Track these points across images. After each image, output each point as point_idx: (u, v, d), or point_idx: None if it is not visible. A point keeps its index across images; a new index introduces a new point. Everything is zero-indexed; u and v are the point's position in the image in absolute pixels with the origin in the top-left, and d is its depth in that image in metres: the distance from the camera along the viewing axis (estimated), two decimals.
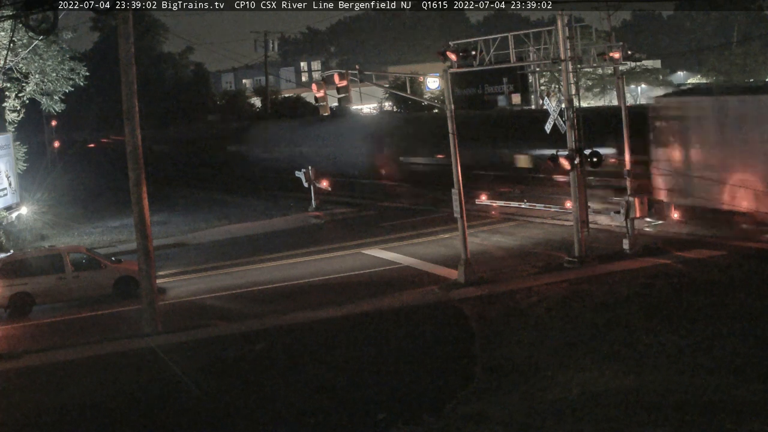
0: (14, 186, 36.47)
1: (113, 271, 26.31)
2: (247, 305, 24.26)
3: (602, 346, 17.40)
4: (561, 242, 27.87)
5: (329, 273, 27.28)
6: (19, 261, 26.41)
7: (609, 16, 47.53)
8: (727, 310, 19.01)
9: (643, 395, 14.44)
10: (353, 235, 33.87)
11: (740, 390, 14.23)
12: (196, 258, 32.26)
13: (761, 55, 65.70)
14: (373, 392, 16.30)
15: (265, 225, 39.01)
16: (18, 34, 29.87)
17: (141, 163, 22.04)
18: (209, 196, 51.97)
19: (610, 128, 28.72)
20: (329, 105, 25.19)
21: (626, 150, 26.32)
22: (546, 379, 15.80)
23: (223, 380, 17.79)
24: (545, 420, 13.89)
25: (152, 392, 17.44)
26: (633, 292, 21.31)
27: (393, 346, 19.14)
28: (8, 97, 35.71)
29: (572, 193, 25.26)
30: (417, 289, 24.05)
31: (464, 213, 24.46)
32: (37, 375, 19.35)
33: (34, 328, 24.07)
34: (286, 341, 20.26)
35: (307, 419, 15.23)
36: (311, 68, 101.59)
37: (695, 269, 23.08)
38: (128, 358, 20.01)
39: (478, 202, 34.20)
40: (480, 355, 18.04)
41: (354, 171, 46.14)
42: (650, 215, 27.56)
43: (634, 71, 61.72)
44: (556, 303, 21.10)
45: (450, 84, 24.85)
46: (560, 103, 24.87)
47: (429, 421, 14.50)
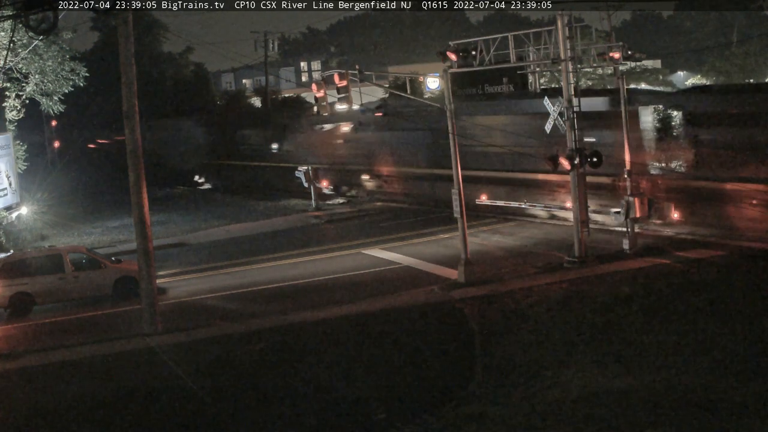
0: (14, 186, 36.47)
1: (113, 271, 26.30)
2: (247, 305, 24.26)
3: (602, 346, 17.42)
4: (561, 242, 27.88)
5: (329, 273, 27.28)
6: (19, 261, 26.39)
7: (609, 16, 47.59)
8: (727, 310, 19.02)
9: (643, 395, 14.46)
10: (353, 235, 33.89)
11: (740, 390, 14.24)
12: (196, 258, 32.27)
13: (761, 55, 65.65)
14: (373, 392, 16.31)
15: (265, 225, 39.05)
16: (18, 34, 29.86)
17: (141, 163, 22.03)
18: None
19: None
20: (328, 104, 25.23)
21: (626, 150, 26.30)
22: (546, 379, 15.82)
23: (223, 380, 17.79)
24: (545, 420, 13.90)
25: (152, 392, 17.43)
26: (633, 292, 21.33)
27: (393, 346, 19.14)
28: (8, 97, 35.72)
29: (572, 193, 25.27)
30: (417, 289, 24.05)
31: (464, 213, 24.47)
32: (37, 375, 19.34)
33: (34, 328, 24.06)
34: (286, 341, 20.26)
35: (306, 419, 15.23)
36: (311, 68, 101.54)
37: (695, 269, 23.09)
38: (128, 358, 20.01)
39: (478, 202, 34.20)
40: (480, 355, 18.06)
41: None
42: (650, 215, 27.55)
43: (634, 71, 61.73)
44: (556, 303, 21.11)
45: (450, 84, 24.85)
46: (560, 103, 24.89)
47: (429, 421, 14.50)
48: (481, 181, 35.00)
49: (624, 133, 26.41)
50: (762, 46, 65.66)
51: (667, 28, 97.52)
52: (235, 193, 54.09)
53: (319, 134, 49.89)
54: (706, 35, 78.78)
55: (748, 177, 26.27)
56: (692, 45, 78.06)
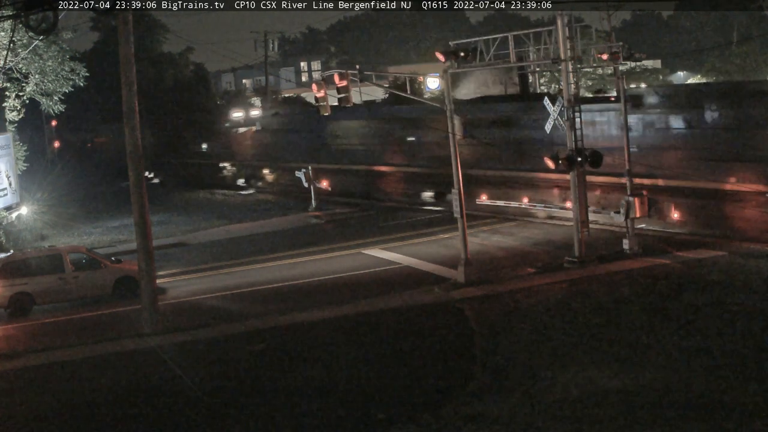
0: (14, 186, 36.46)
1: (113, 271, 26.31)
2: (247, 305, 24.26)
3: (602, 346, 17.42)
4: (561, 242, 27.88)
5: (329, 273, 27.27)
6: (19, 261, 26.40)
7: (609, 16, 47.46)
8: (727, 310, 19.02)
9: (643, 395, 14.46)
10: (353, 235, 33.89)
11: (740, 390, 14.25)
12: (196, 258, 32.26)
13: (761, 55, 65.63)
14: (373, 392, 16.30)
15: (264, 225, 39.05)
16: (18, 34, 29.84)
17: (141, 163, 22.04)
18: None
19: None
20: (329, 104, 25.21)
21: (626, 149, 26.29)
22: (546, 379, 15.81)
23: (223, 380, 17.78)
24: (545, 420, 13.90)
25: (152, 392, 17.43)
26: (633, 292, 21.33)
27: (393, 346, 19.14)
28: (8, 97, 35.71)
29: (572, 193, 25.27)
30: (417, 289, 24.05)
31: (464, 213, 24.47)
32: (37, 375, 19.35)
33: (34, 328, 24.07)
34: (286, 341, 20.27)
35: (306, 419, 15.23)
36: (311, 68, 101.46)
37: (695, 269, 23.09)
38: (128, 358, 20.01)
39: (478, 202, 34.21)
40: (480, 355, 18.05)
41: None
42: (650, 215, 27.57)
43: (634, 71, 61.73)
44: (556, 303, 21.11)
45: (450, 84, 24.84)
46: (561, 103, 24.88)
47: (429, 421, 14.50)
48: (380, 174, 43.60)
49: (624, 133, 26.40)
50: (762, 46, 65.65)
51: (667, 28, 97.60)
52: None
53: (234, 136, 58.65)
54: (706, 35, 78.80)
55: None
56: (692, 45, 78.08)
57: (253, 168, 55.50)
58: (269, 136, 55.05)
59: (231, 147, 59.28)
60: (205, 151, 63.15)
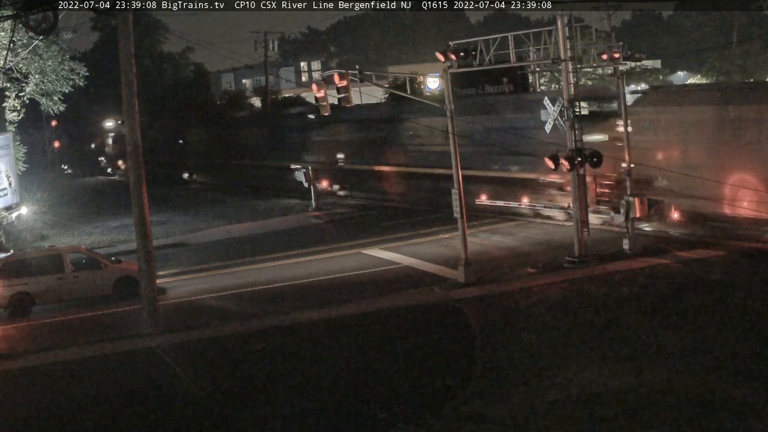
0: (14, 186, 36.45)
1: (113, 271, 26.29)
2: (247, 305, 24.26)
3: (602, 346, 17.41)
4: (561, 242, 27.87)
5: (329, 273, 27.27)
6: (19, 261, 26.39)
7: (609, 16, 47.50)
8: (727, 310, 19.02)
9: (643, 395, 14.46)
10: (353, 234, 33.89)
11: (740, 390, 14.24)
12: (196, 258, 32.26)
13: (761, 55, 65.55)
14: (373, 392, 16.31)
15: (265, 225, 39.04)
16: (18, 34, 29.86)
17: (141, 162, 22.04)
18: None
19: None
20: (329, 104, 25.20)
21: (626, 149, 26.29)
22: (546, 379, 15.81)
23: (223, 380, 17.78)
24: (545, 420, 13.90)
25: (152, 392, 17.44)
26: (633, 292, 21.32)
27: (393, 346, 19.14)
28: (8, 97, 35.71)
29: (572, 193, 25.26)
30: (417, 289, 24.05)
31: (464, 213, 24.47)
32: (37, 375, 19.34)
33: (34, 328, 24.06)
34: (286, 341, 20.26)
35: (307, 419, 15.23)
36: (311, 68, 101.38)
37: (695, 269, 23.08)
38: (128, 358, 20.01)
39: (478, 202, 34.20)
40: (480, 355, 18.04)
41: None
42: (650, 215, 27.56)
43: (634, 71, 61.62)
44: (556, 303, 21.10)
45: (450, 84, 24.84)
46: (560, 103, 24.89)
47: (429, 421, 14.50)
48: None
49: (624, 133, 26.40)
50: (762, 46, 65.55)
51: (667, 28, 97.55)
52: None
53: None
54: (706, 35, 78.59)
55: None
56: (692, 45, 77.93)
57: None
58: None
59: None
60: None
